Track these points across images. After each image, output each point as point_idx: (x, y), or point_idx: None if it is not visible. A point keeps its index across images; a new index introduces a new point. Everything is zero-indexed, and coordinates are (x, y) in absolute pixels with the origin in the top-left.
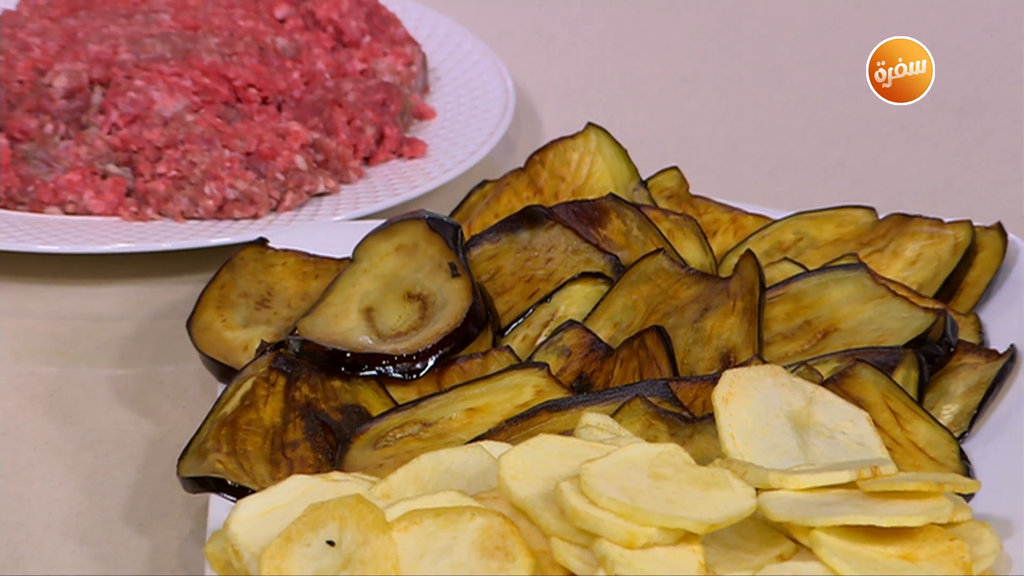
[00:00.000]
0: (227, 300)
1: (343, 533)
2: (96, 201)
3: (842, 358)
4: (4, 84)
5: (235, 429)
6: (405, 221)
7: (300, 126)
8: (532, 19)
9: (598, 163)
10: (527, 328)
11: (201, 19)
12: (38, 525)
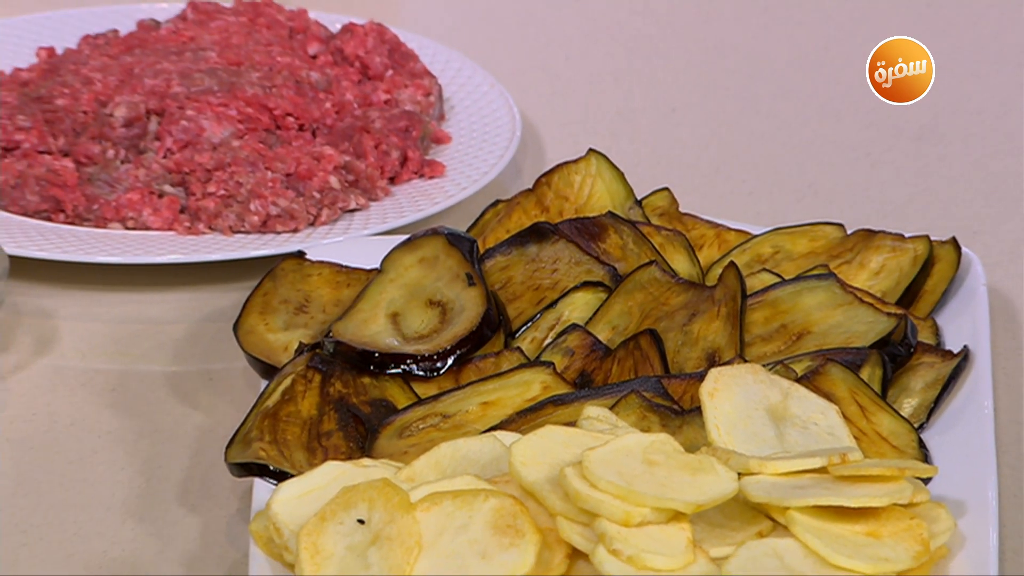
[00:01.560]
0: (269, 306)
1: (372, 513)
2: (153, 217)
3: (814, 358)
4: (70, 114)
5: (276, 420)
6: (427, 236)
7: (333, 150)
8: (537, 55)
9: (598, 185)
10: (535, 331)
11: (244, 56)
12: (101, 505)
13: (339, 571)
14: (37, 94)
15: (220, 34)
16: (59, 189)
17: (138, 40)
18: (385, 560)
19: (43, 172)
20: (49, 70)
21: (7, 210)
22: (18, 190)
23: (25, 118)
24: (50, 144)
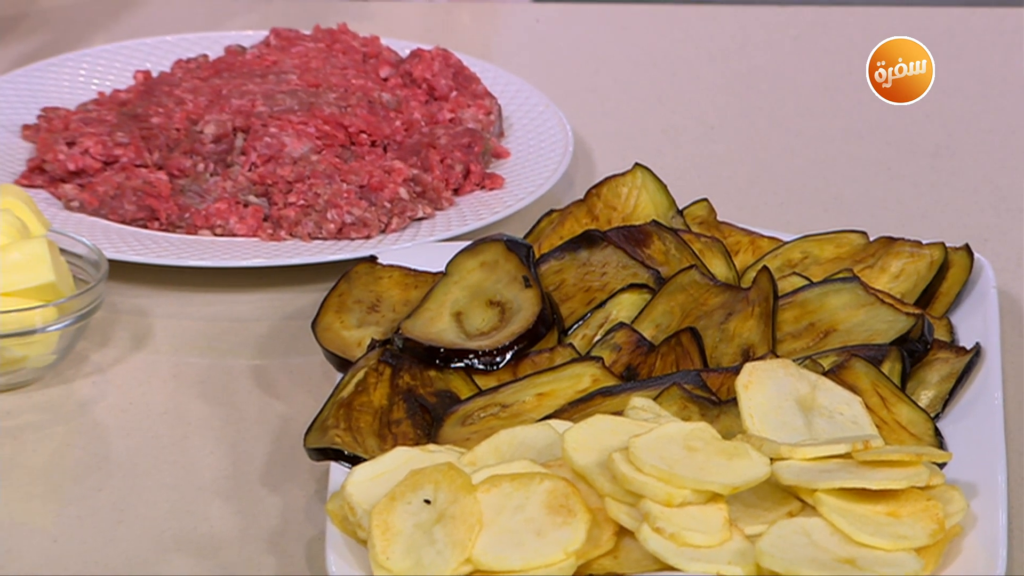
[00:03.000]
0: (344, 306)
1: (437, 493)
2: (239, 225)
3: (840, 353)
4: (164, 131)
5: (350, 410)
6: (488, 242)
7: (402, 164)
8: (588, 79)
9: (643, 196)
10: (586, 329)
11: (322, 78)
12: (191, 486)
13: (407, 547)
14: (134, 113)
15: (300, 59)
16: (154, 199)
17: (226, 64)
18: (449, 537)
19: (140, 184)
20: (145, 91)
21: (107, 218)
22: (117, 200)
23: (124, 135)
24: (146, 158)
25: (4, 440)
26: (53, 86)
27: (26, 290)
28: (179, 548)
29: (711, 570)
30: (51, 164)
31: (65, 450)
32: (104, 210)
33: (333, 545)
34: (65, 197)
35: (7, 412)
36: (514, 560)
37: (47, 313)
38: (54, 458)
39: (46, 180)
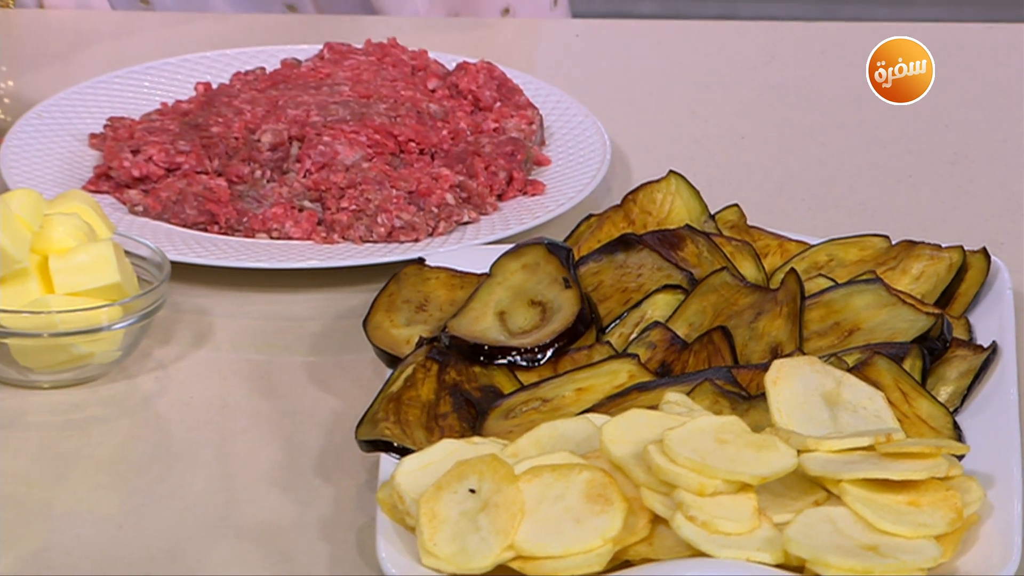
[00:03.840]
0: (394, 305)
1: (482, 483)
2: (294, 229)
3: (863, 351)
4: (223, 140)
5: (399, 404)
6: (529, 245)
7: (449, 171)
8: (625, 91)
9: (677, 201)
10: (622, 327)
11: (372, 90)
12: (249, 476)
13: (453, 534)
14: (195, 122)
15: (352, 71)
16: (214, 204)
17: (282, 76)
18: (493, 524)
19: (200, 189)
20: (206, 102)
21: (169, 222)
22: (179, 205)
23: (185, 143)
24: (206, 165)
25: (72, 432)
26: (119, 97)
27: (93, 290)
28: (237, 535)
29: (741, 556)
30: (117, 171)
31: (129, 442)
32: (167, 214)
33: (383, 532)
34: (130, 202)
35: (75, 406)
36: (554, 546)
37: (113, 312)
38: (119, 449)
39: (112, 186)
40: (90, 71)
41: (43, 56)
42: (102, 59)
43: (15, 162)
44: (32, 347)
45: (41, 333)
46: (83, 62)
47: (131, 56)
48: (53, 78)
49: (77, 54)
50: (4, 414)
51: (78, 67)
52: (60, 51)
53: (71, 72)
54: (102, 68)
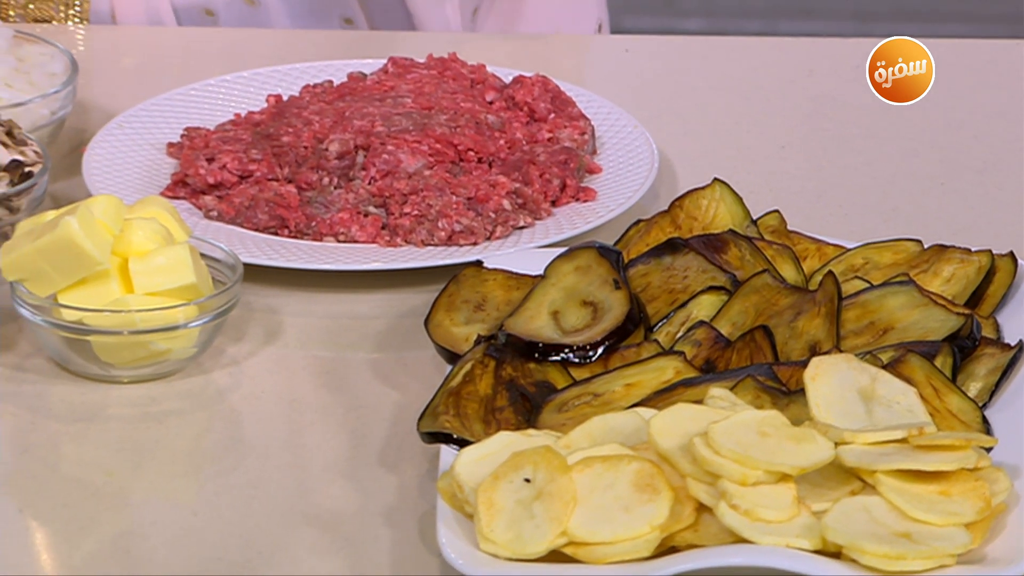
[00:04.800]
0: (453, 305)
1: (536, 473)
2: (360, 233)
3: (897, 349)
4: (293, 149)
5: (459, 398)
6: (582, 248)
7: (505, 179)
8: (672, 103)
9: (721, 207)
10: (669, 326)
11: (434, 102)
12: (317, 466)
13: (509, 521)
14: (267, 132)
15: (415, 84)
16: (284, 209)
17: (348, 89)
18: (547, 512)
19: (271, 196)
20: (277, 113)
21: (242, 226)
22: (251, 210)
23: (257, 152)
24: (277, 173)
25: (150, 424)
26: (195, 109)
27: (170, 290)
28: (306, 522)
29: (781, 542)
30: (193, 178)
31: (204, 434)
32: (240, 219)
33: (443, 519)
34: (205, 207)
35: (153, 399)
36: (605, 533)
37: (189, 311)
38: (194, 441)
39: (188, 192)
40: (165, 84)
41: (121, 69)
42: (176, 72)
43: (97, 170)
44: (113, 344)
45: (121, 331)
46: (158, 75)
47: (201, 69)
48: (131, 90)
49: (152, 67)
50: (86, 407)
51: (154, 80)
52: (137, 64)
53: (148, 84)
54: (176, 81)
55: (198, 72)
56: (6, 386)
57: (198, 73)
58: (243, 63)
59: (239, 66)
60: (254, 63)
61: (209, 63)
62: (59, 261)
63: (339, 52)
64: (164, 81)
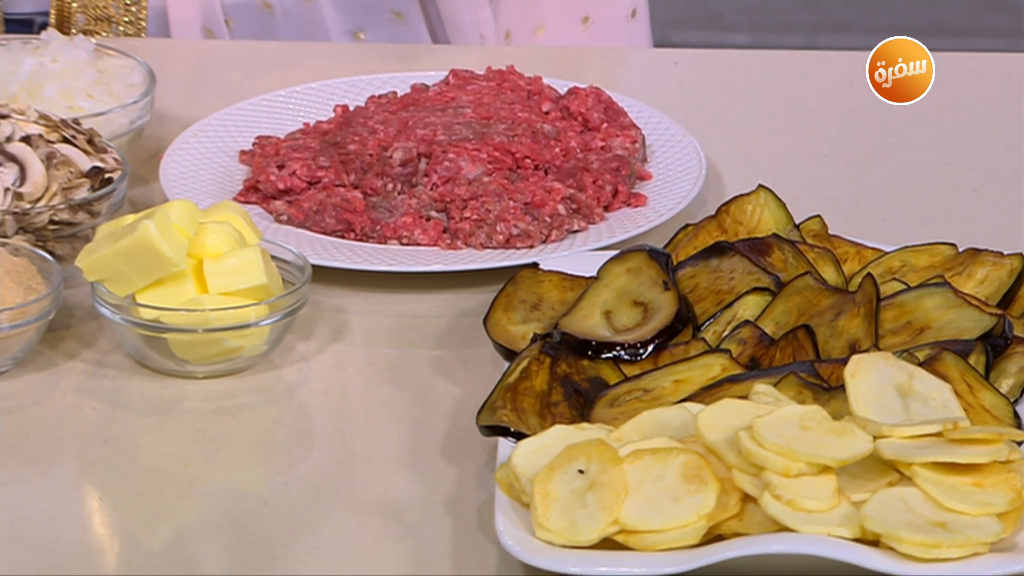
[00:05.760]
0: (511, 305)
1: (590, 465)
2: (422, 236)
3: (932, 347)
4: (359, 156)
5: (516, 393)
6: (633, 251)
7: (560, 185)
8: (718, 113)
9: (765, 212)
10: (716, 325)
11: (493, 112)
12: (381, 458)
13: (563, 510)
14: (334, 141)
15: (475, 95)
16: (350, 214)
17: (412, 100)
18: (599, 502)
19: (338, 201)
20: (343, 122)
21: (310, 230)
22: (319, 214)
23: (325, 159)
24: (344, 179)
25: (223, 418)
26: (266, 118)
27: (242, 290)
28: (370, 511)
29: (822, 531)
30: (264, 184)
31: (274, 427)
32: (308, 223)
33: (501, 508)
34: (275, 212)
35: (226, 394)
36: (654, 522)
37: (260, 310)
38: (265, 433)
39: (259, 197)
40: (238, 94)
41: (196, 81)
42: (248, 83)
43: (174, 176)
44: (188, 341)
45: (196, 329)
46: (231, 86)
47: (277, 81)
48: (206, 101)
49: (225, 79)
50: (163, 401)
51: (227, 91)
52: (211, 76)
53: (222, 95)
54: (248, 92)
55: (267, 84)
56: (87, 381)
57: (267, 85)
58: (309, 74)
59: (304, 77)
60: (318, 74)
61: (280, 75)
62: (137, 262)
63: (398, 65)
64: (237, 92)
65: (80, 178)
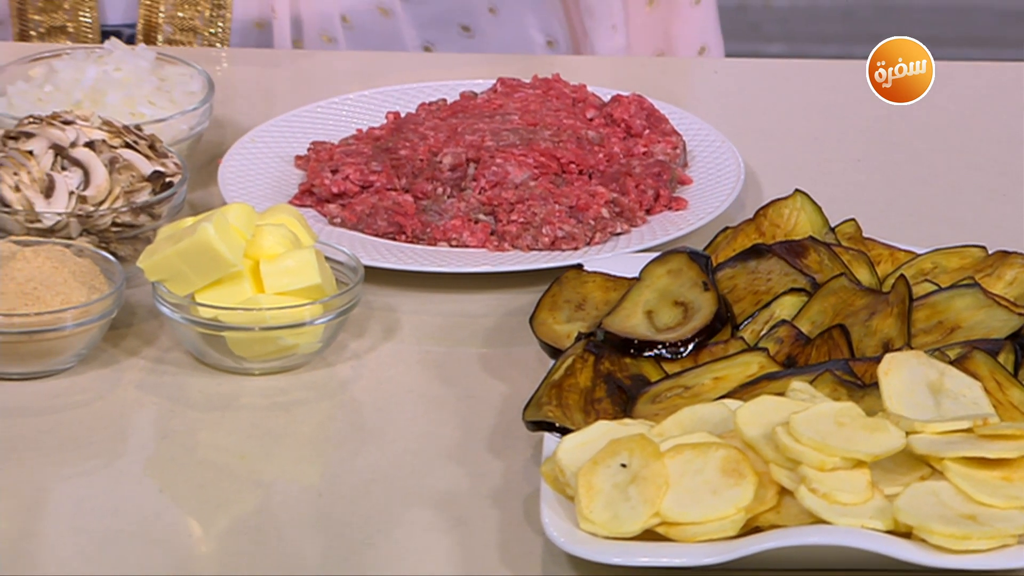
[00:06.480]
0: (556, 304)
1: (632, 459)
2: (471, 238)
3: (963, 346)
4: (410, 161)
5: (561, 390)
6: (674, 253)
7: (604, 189)
8: (756, 120)
9: (802, 216)
10: (754, 325)
11: (539, 119)
12: (430, 452)
13: (606, 503)
14: (386, 146)
15: (521, 103)
16: (402, 217)
17: (461, 107)
18: (641, 495)
19: (390, 204)
20: (395, 128)
21: (363, 232)
22: (371, 217)
23: (377, 164)
24: (395, 183)
25: (279, 413)
26: (320, 125)
27: (297, 290)
28: (421, 502)
29: (856, 523)
30: (318, 188)
31: (328, 422)
32: (361, 225)
33: (546, 500)
34: (329, 215)
35: (281, 390)
36: (694, 514)
37: (314, 309)
38: (319, 428)
39: (314, 201)
40: (293, 102)
41: (253, 88)
42: (303, 91)
43: (231, 180)
44: (245, 339)
45: (253, 327)
46: (285, 94)
47: (331, 89)
48: (262, 108)
49: (280, 87)
50: (221, 397)
51: (282, 98)
52: (267, 83)
53: (277, 102)
54: (302, 99)
55: (321, 91)
56: (148, 378)
57: (321, 92)
58: (365, 81)
59: (356, 85)
60: (372, 82)
61: (334, 82)
62: (197, 263)
63: (456, 73)
64: (291, 99)
65: (142, 182)
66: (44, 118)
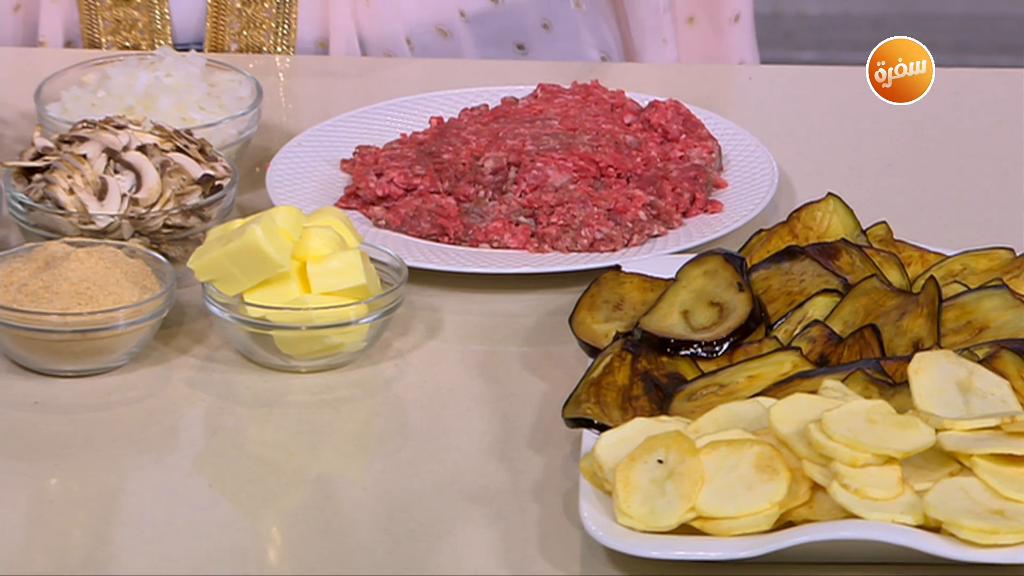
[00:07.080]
0: (595, 304)
1: (668, 455)
2: (511, 240)
3: (991, 346)
4: (453, 165)
5: (599, 387)
6: (710, 254)
7: (642, 192)
8: (790, 124)
9: (834, 219)
10: (787, 325)
11: (578, 124)
12: (472, 448)
13: (644, 498)
14: (429, 150)
15: (561, 108)
16: (444, 219)
17: (502, 112)
18: (677, 490)
19: (433, 207)
20: (438, 133)
21: (407, 234)
22: (415, 219)
23: (421, 168)
24: (438, 186)
25: (325, 410)
26: (365, 129)
27: (343, 290)
28: (462, 497)
29: (887, 518)
30: (363, 191)
31: (372, 418)
32: (405, 227)
33: (585, 495)
34: (374, 217)
35: (327, 387)
36: (729, 509)
37: (359, 309)
38: (364, 425)
39: (359, 203)
40: (339, 107)
41: (300, 94)
42: (348, 97)
43: (279, 183)
44: (292, 338)
45: (300, 326)
46: (331, 99)
47: (377, 95)
48: (309, 113)
49: (326, 93)
50: (268, 394)
51: (329, 104)
52: (314, 90)
53: (324, 108)
54: (347, 105)
55: (366, 97)
56: (198, 375)
57: (366, 98)
58: (403, 88)
59: (399, 92)
60: (412, 89)
61: (385, 88)
62: (245, 264)
63: (505, 78)
64: (337, 105)
65: (192, 185)
66: (97, 123)
